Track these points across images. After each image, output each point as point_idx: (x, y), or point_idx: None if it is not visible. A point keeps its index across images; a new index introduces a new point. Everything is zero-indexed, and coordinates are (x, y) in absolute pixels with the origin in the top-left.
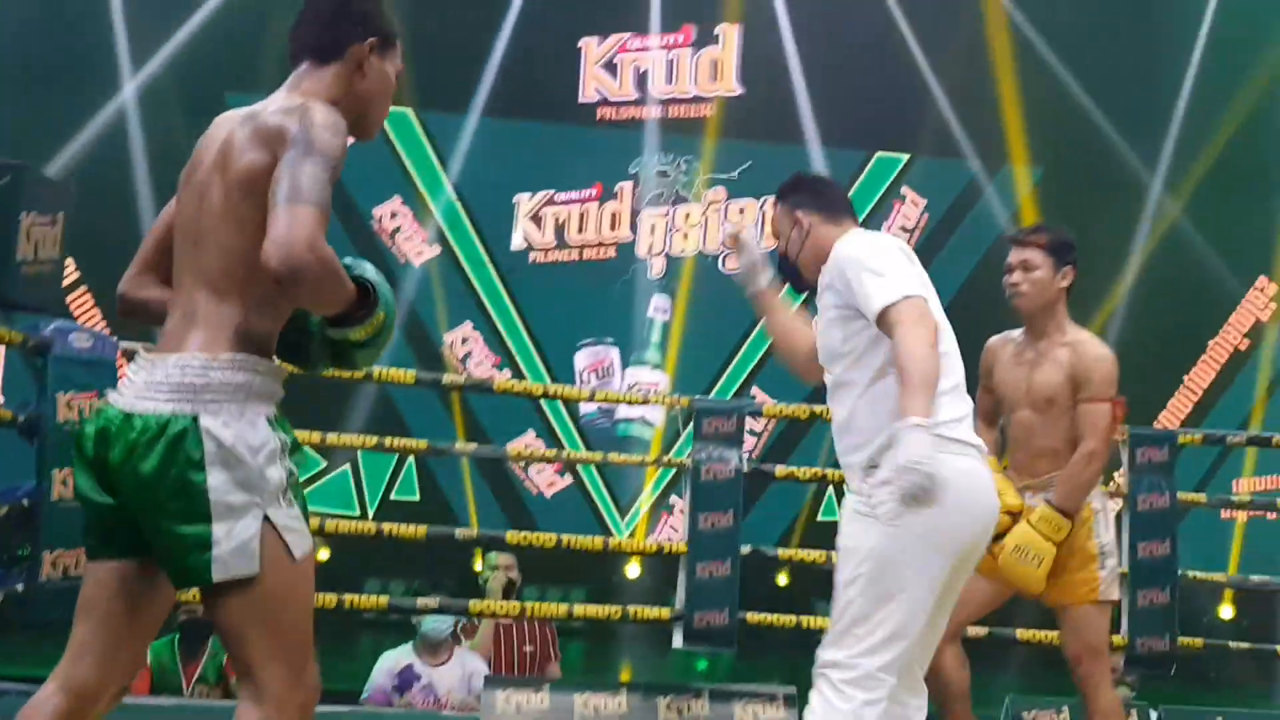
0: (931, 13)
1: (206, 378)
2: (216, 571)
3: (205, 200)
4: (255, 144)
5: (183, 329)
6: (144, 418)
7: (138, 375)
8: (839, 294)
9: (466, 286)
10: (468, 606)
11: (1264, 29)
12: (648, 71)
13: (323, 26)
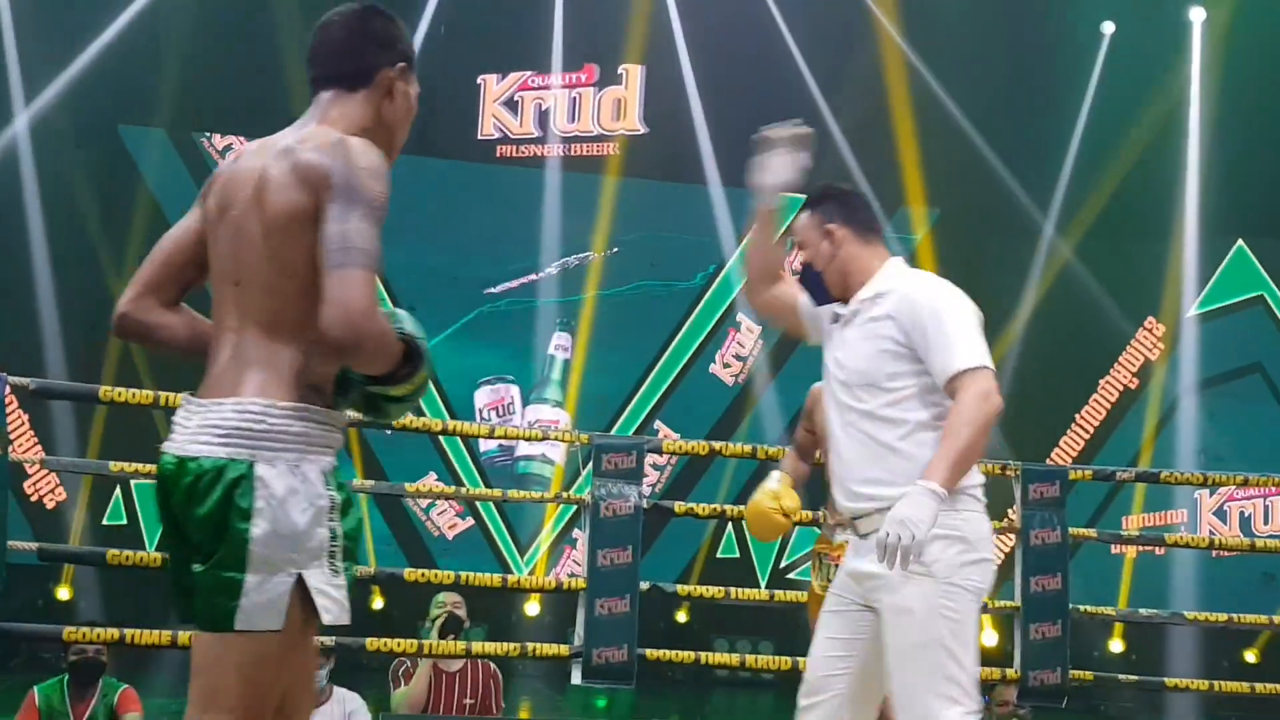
0: (830, 55)
1: (265, 424)
2: (239, 621)
3: (242, 238)
4: (295, 183)
5: (235, 371)
6: (198, 461)
7: (189, 419)
8: (904, 333)
9: None
10: (364, 643)
11: (1151, 79)
12: (549, 109)
13: (350, 52)
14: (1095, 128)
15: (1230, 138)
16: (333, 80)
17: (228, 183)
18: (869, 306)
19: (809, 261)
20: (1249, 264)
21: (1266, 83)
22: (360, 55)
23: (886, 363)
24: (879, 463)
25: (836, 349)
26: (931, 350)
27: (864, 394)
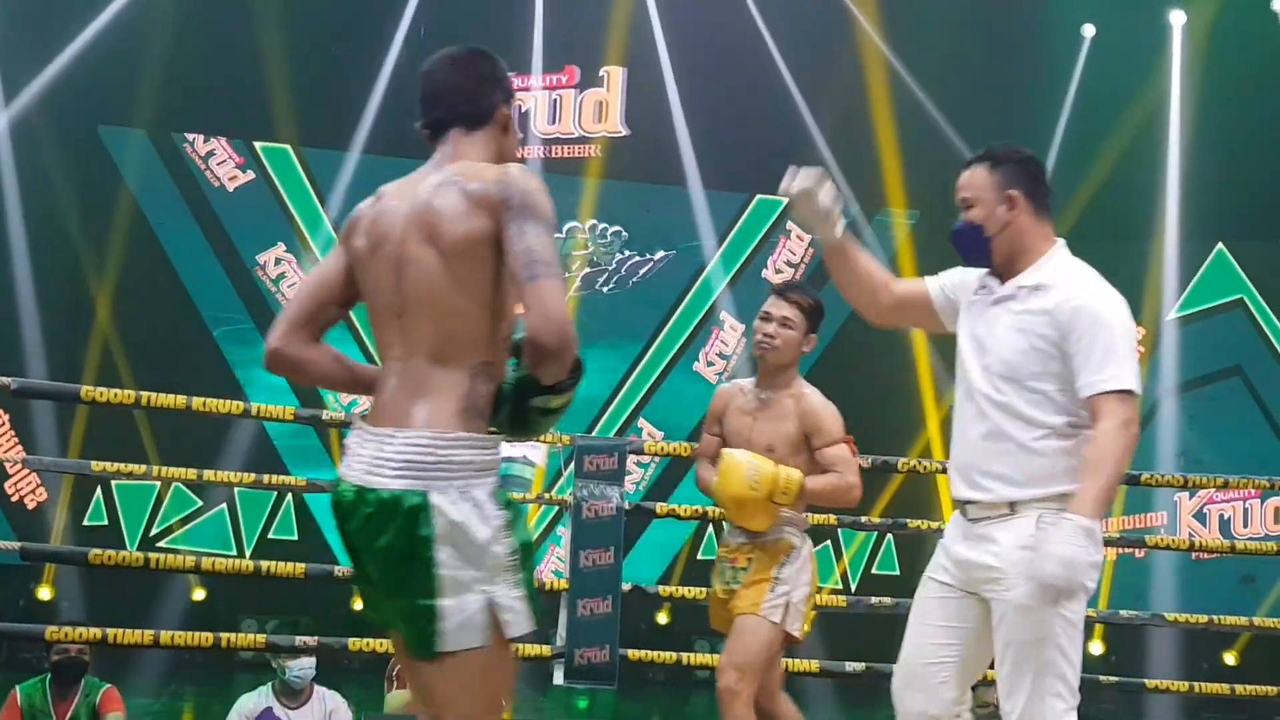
0: (811, 58)
1: (435, 456)
2: (441, 644)
3: (409, 269)
4: (470, 210)
5: (405, 401)
6: (376, 493)
7: (363, 449)
8: (1060, 334)
9: (346, 324)
10: (346, 644)
11: (1131, 82)
12: (529, 111)
13: (471, 94)
14: (1076, 130)
15: (1211, 141)
16: (455, 121)
17: (375, 222)
18: (1028, 295)
19: (976, 221)
20: (1229, 267)
21: (1247, 86)
22: (480, 96)
23: (1034, 361)
24: (1007, 459)
25: (980, 326)
26: (1084, 361)
27: (1004, 386)
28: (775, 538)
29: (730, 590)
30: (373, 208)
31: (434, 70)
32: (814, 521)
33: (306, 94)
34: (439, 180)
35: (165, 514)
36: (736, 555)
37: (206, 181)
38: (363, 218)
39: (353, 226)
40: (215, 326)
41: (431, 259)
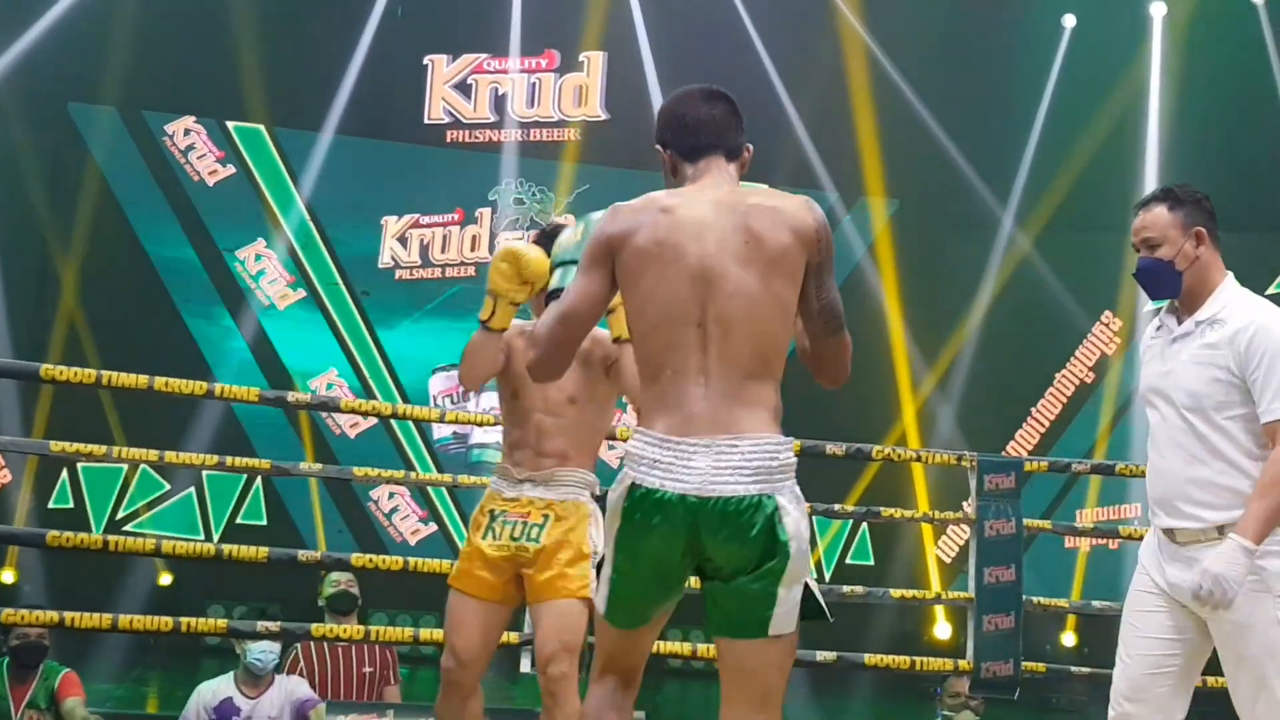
0: (792, 44)
1: (777, 460)
2: (772, 628)
3: (726, 286)
4: (794, 242)
5: (728, 410)
6: (734, 500)
7: (693, 460)
8: (1239, 364)
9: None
10: (310, 630)
11: (1111, 73)
12: (507, 94)
13: (736, 130)
14: (1055, 121)
15: (1189, 132)
16: (721, 150)
17: (672, 233)
18: (1205, 329)
19: (1166, 258)
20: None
21: (1225, 78)
22: (740, 133)
23: (1219, 392)
24: (1207, 488)
25: (1163, 363)
26: (1263, 388)
27: (1194, 418)
28: (574, 499)
29: (523, 549)
30: (667, 219)
31: (713, 99)
32: None
33: (279, 73)
34: (751, 202)
35: (132, 498)
36: (529, 510)
37: (186, 175)
38: (640, 229)
39: (624, 239)
40: (184, 306)
41: (750, 279)
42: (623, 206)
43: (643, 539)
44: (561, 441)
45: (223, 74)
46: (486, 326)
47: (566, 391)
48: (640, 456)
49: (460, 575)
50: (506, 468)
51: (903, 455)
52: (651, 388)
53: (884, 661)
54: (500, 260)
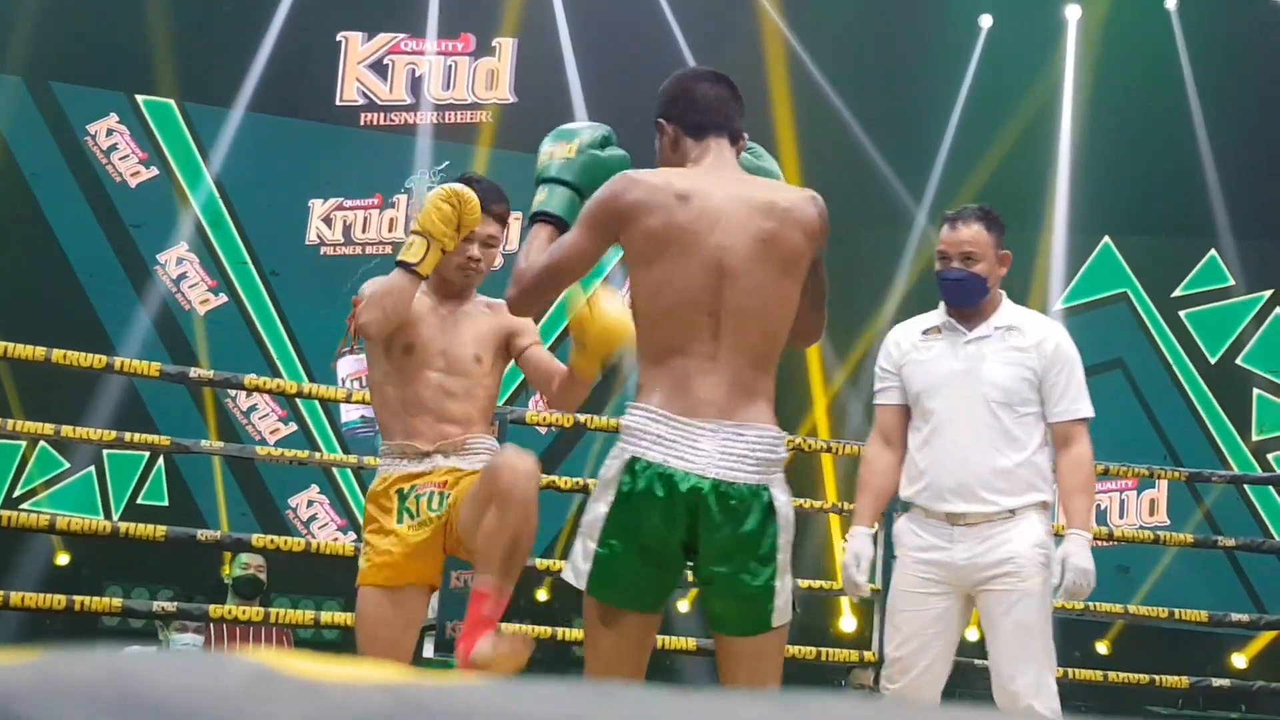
0: (710, 36)
1: (776, 453)
2: (775, 619)
3: (741, 281)
4: (800, 233)
5: (734, 398)
6: (738, 487)
7: (700, 442)
8: (1043, 367)
9: (226, 286)
10: (207, 611)
11: (1026, 74)
12: (423, 76)
13: (740, 114)
14: (970, 120)
15: (1101, 135)
16: (725, 132)
17: (690, 222)
18: (1005, 334)
19: (982, 274)
20: (1114, 261)
21: (1138, 81)
22: (742, 118)
23: (1024, 389)
24: (1004, 477)
25: (958, 362)
26: (1061, 391)
27: (1001, 411)
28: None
29: (448, 512)
30: (673, 205)
31: (723, 81)
32: None
33: (190, 47)
34: (765, 199)
35: (30, 475)
36: (445, 480)
37: (108, 176)
38: (655, 210)
39: (638, 216)
40: (86, 280)
41: (764, 274)
42: (637, 178)
43: (642, 513)
44: (467, 405)
45: (133, 46)
46: (412, 270)
47: (472, 349)
48: (643, 431)
49: (380, 569)
50: (404, 443)
51: (813, 446)
52: (656, 368)
53: (789, 652)
54: (442, 200)
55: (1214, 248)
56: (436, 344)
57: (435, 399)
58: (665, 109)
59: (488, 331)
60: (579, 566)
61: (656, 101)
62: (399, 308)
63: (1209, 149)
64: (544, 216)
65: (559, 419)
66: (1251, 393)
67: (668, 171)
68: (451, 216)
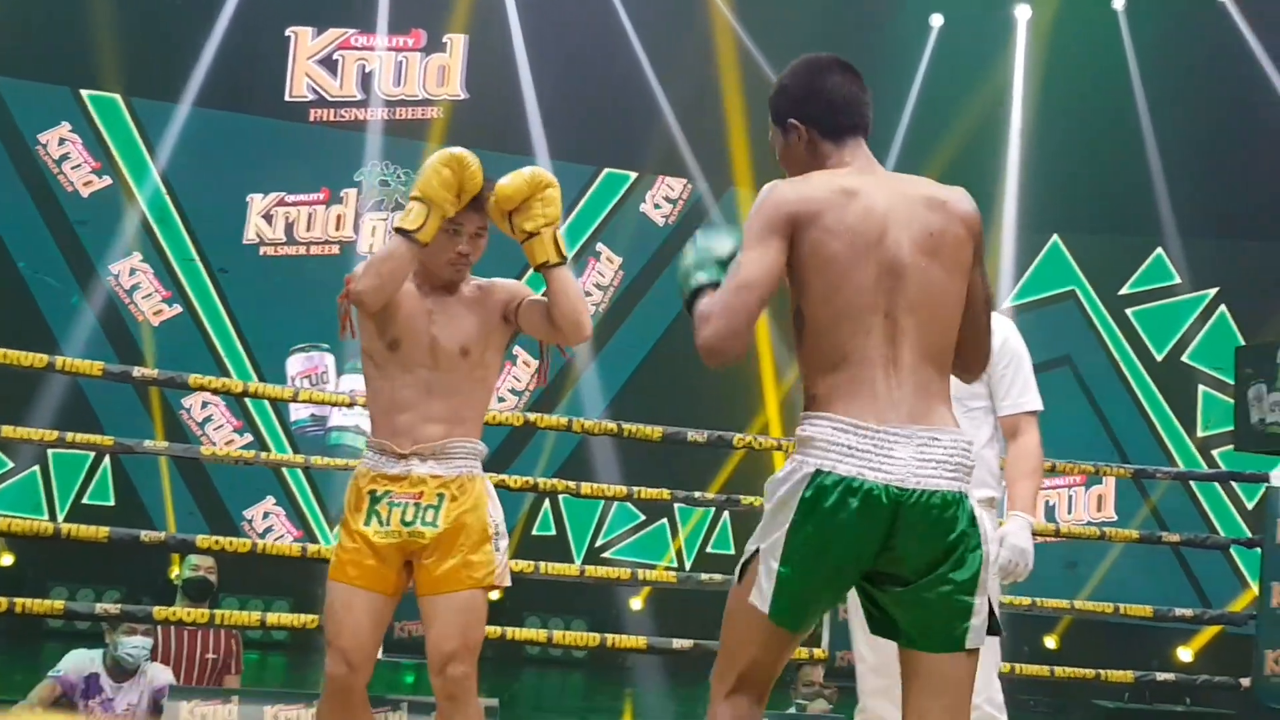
0: (662, 32)
1: (970, 460)
2: (971, 640)
3: (915, 278)
4: (966, 232)
5: (924, 402)
6: (940, 494)
7: (895, 449)
8: (994, 363)
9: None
10: (151, 613)
11: (976, 73)
12: (374, 71)
13: (871, 106)
14: (921, 118)
15: (1050, 134)
16: (863, 131)
17: (861, 220)
18: None
19: None
20: (1063, 259)
21: (1084, 83)
22: (871, 109)
23: (978, 384)
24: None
25: None
26: (1009, 384)
27: (956, 406)
28: (469, 473)
29: (418, 535)
30: (842, 203)
31: (842, 74)
32: (645, 496)
33: (137, 41)
34: (927, 194)
35: None
36: (421, 490)
37: (58, 184)
38: (826, 210)
39: (810, 217)
40: (32, 278)
41: (936, 273)
42: (796, 181)
43: (832, 531)
44: (453, 402)
45: (78, 40)
46: (411, 237)
47: (458, 341)
48: (829, 442)
49: (344, 566)
50: (384, 442)
51: (764, 444)
52: (832, 377)
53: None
54: (442, 165)
55: (1160, 246)
56: (423, 338)
57: (420, 397)
58: (796, 108)
59: (479, 319)
60: (762, 587)
61: (780, 95)
62: (397, 275)
63: (1155, 149)
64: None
65: (508, 417)
66: (1197, 389)
67: (827, 174)
68: (452, 181)
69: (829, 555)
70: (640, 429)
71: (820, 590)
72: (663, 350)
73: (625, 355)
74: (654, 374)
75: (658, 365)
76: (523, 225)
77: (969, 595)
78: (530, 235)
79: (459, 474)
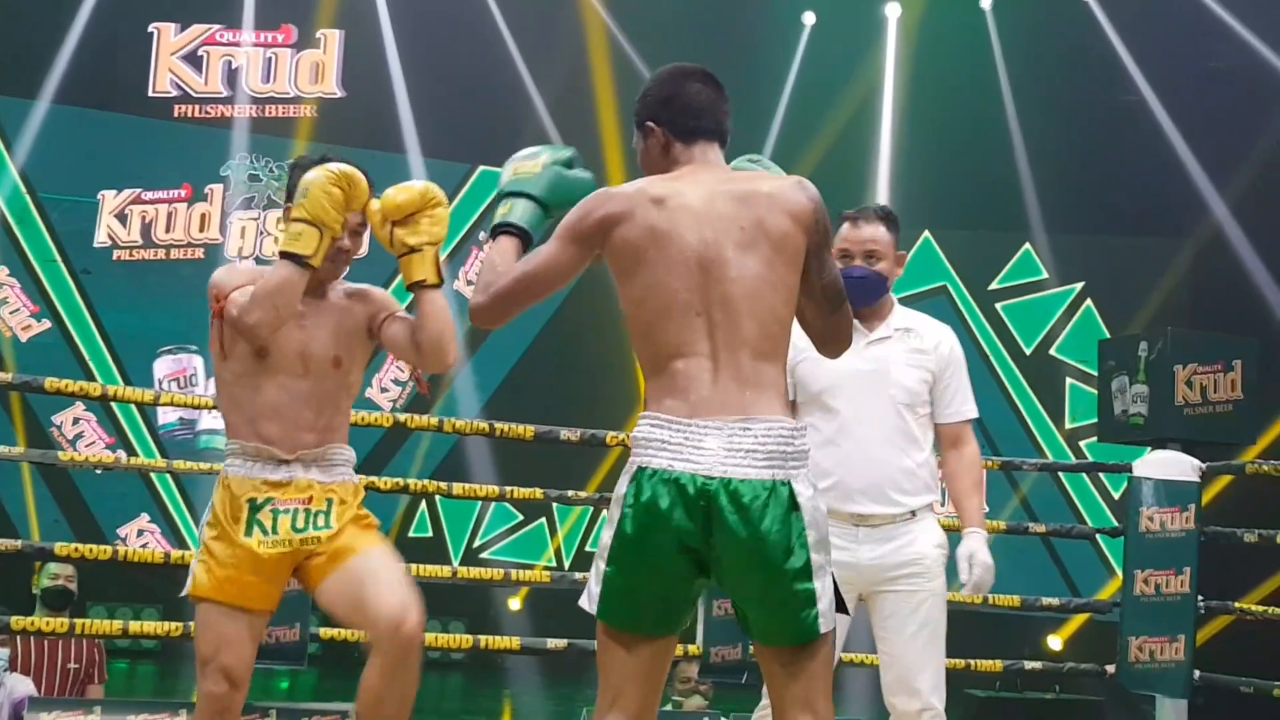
0: (535, 27)
1: (792, 445)
2: (823, 625)
3: (730, 272)
4: (792, 225)
5: (738, 393)
6: (750, 483)
7: (705, 441)
8: (938, 370)
9: (34, 284)
10: (9, 623)
11: (848, 71)
12: (241, 68)
13: (728, 114)
14: (794, 116)
15: (919, 132)
16: (716, 136)
17: (668, 224)
18: (904, 336)
19: (883, 273)
20: (934, 255)
21: (953, 80)
22: (729, 117)
23: (924, 390)
24: (908, 476)
25: (858, 361)
26: (953, 393)
27: (905, 412)
28: (347, 479)
29: (312, 540)
30: (649, 211)
31: (701, 81)
32: (519, 496)
33: None
34: (746, 189)
35: None
36: (309, 495)
37: None
38: (632, 218)
39: (615, 225)
40: None
41: (751, 263)
42: (612, 191)
43: (648, 523)
44: (325, 412)
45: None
46: (305, 262)
47: (332, 351)
48: (648, 439)
49: (221, 584)
50: (260, 446)
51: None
52: (658, 378)
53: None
54: (332, 184)
55: (1028, 241)
56: (293, 346)
57: (292, 405)
58: (654, 111)
59: (351, 327)
60: (591, 590)
61: (641, 100)
62: (291, 305)
63: (1023, 145)
64: (508, 228)
65: (377, 418)
66: (1065, 382)
67: (642, 182)
68: (342, 201)
69: (648, 549)
70: (513, 428)
71: (647, 586)
72: (539, 351)
73: (502, 353)
74: (531, 372)
75: (534, 363)
76: (406, 239)
77: (808, 582)
78: (411, 250)
79: (341, 480)
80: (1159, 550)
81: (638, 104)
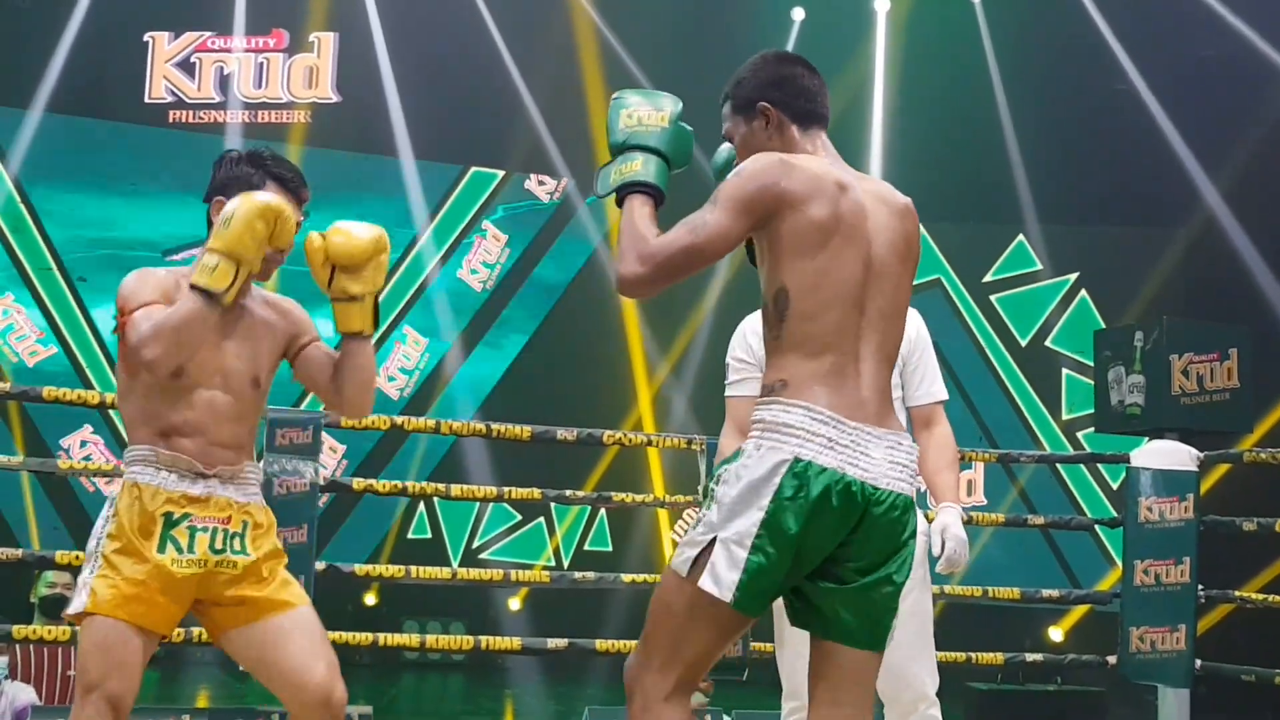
0: (526, 30)
1: (916, 464)
2: (889, 641)
3: (890, 276)
4: (917, 236)
5: (884, 405)
6: (902, 498)
7: (871, 449)
8: (907, 351)
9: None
10: (10, 631)
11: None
12: (232, 74)
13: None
14: None
15: (911, 125)
16: (825, 125)
17: (852, 214)
18: None
19: None
20: (927, 248)
21: (944, 74)
22: None
23: (894, 376)
24: None
25: None
26: (923, 374)
27: None
28: (259, 500)
29: (227, 563)
30: (836, 195)
31: (806, 68)
32: (517, 497)
33: None
34: (893, 200)
35: None
36: (228, 514)
37: None
38: (819, 198)
39: (801, 202)
40: None
41: (903, 279)
42: (793, 163)
43: (814, 522)
44: (240, 430)
45: None
46: (215, 298)
47: (252, 371)
48: (809, 431)
49: (127, 602)
50: (175, 456)
51: (634, 440)
52: (810, 363)
53: (616, 647)
54: (257, 219)
55: (1021, 233)
56: (212, 363)
57: (208, 421)
58: (766, 92)
59: (270, 346)
60: (723, 576)
61: (739, 84)
62: (195, 342)
63: (1014, 137)
64: (645, 188)
65: (375, 421)
66: (1061, 373)
67: (821, 161)
68: (265, 237)
69: (807, 545)
70: (509, 429)
71: (786, 579)
72: (535, 349)
73: (498, 354)
74: (527, 372)
75: (530, 364)
76: (349, 286)
77: (897, 600)
78: (352, 299)
79: (254, 500)
80: (1158, 540)
81: (738, 88)
